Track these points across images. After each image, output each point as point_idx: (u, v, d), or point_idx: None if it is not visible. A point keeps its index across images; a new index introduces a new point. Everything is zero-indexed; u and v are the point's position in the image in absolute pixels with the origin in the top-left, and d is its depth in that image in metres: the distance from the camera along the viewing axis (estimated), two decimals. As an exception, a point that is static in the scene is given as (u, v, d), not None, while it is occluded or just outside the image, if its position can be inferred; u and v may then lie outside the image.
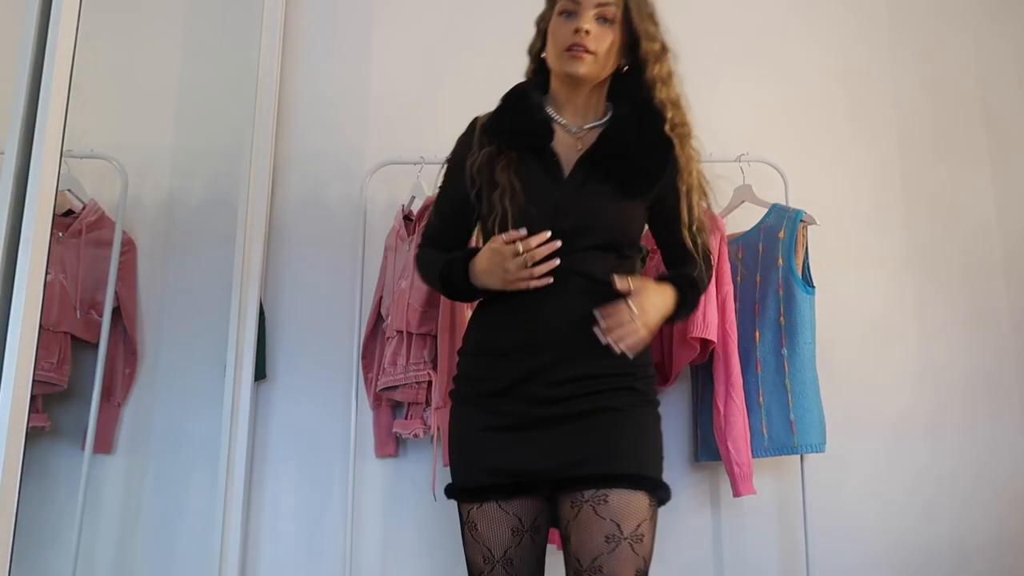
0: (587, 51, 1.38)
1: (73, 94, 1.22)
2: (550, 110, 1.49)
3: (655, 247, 2.04)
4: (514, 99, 1.49)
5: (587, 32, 1.37)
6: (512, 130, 1.45)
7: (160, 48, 2.28)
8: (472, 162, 1.46)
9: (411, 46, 2.36)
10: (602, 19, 1.40)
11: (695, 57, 2.31)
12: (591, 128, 1.47)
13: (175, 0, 2.34)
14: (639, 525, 1.28)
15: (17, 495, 1.09)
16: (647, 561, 1.30)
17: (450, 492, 1.44)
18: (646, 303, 1.33)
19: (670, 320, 1.46)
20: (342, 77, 2.34)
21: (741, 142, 2.13)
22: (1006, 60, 2.33)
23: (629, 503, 1.29)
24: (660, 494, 1.34)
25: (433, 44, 2.34)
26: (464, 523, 1.41)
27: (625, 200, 1.42)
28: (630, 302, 1.31)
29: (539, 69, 1.53)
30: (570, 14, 1.40)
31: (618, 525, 1.27)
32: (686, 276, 1.47)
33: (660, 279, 1.45)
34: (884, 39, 2.34)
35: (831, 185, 2.23)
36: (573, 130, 1.47)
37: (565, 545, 1.33)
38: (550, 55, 1.45)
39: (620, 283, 1.32)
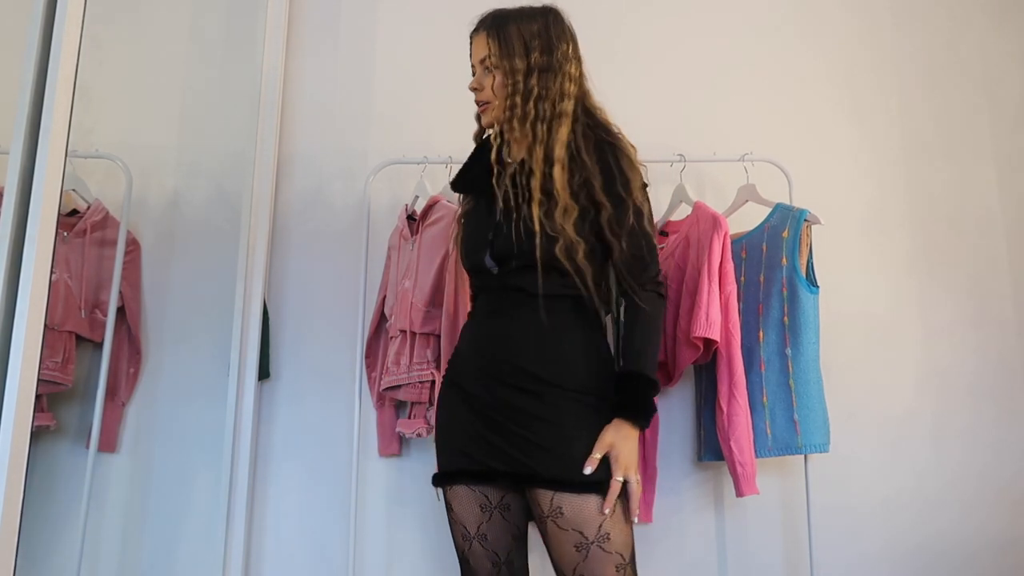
0: (484, 102, 1.55)
1: (78, 94, 1.23)
2: (504, 152, 1.59)
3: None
4: (474, 152, 1.67)
5: (474, 89, 1.55)
6: (464, 181, 1.66)
7: (165, 48, 2.28)
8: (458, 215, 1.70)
9: (415, 46, 2.36)
10: (487, 69, 1.53)
11: (699, 57, 2.33)
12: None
13: (180, 0, 2.34)
14: (600, 526, 1.33)
15: (22, 494, 1.09)
16: (624, 553, 1.34)
17: (433, 479, 1.55)
18: (625, 460, 1.37)
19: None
20: (346, 77, 2.35)
21: (745, 141, 2.13)
22: (1012, 58, 2.32)
23: (583, 509, 1.34)
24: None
25: (437, 44, 2.34)
26: (446, 506, 1.52)
27: (545, 218, 1.45)
28: (616, 476, 1.35)
29: None
30: (473, 77, 1.58)
31: (581, 532, 1.33)
32: (631, 381, 1.45)
33: (613, 408, 1.43)
34: (888, 38, 2.33)
35: (835, 184, 2.22)
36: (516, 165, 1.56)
37: (550, 556, 1.40)
38: None
39: (589, 466, 1.35)
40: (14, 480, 1.08)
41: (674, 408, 2.09)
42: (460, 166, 1.70)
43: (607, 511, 1.33)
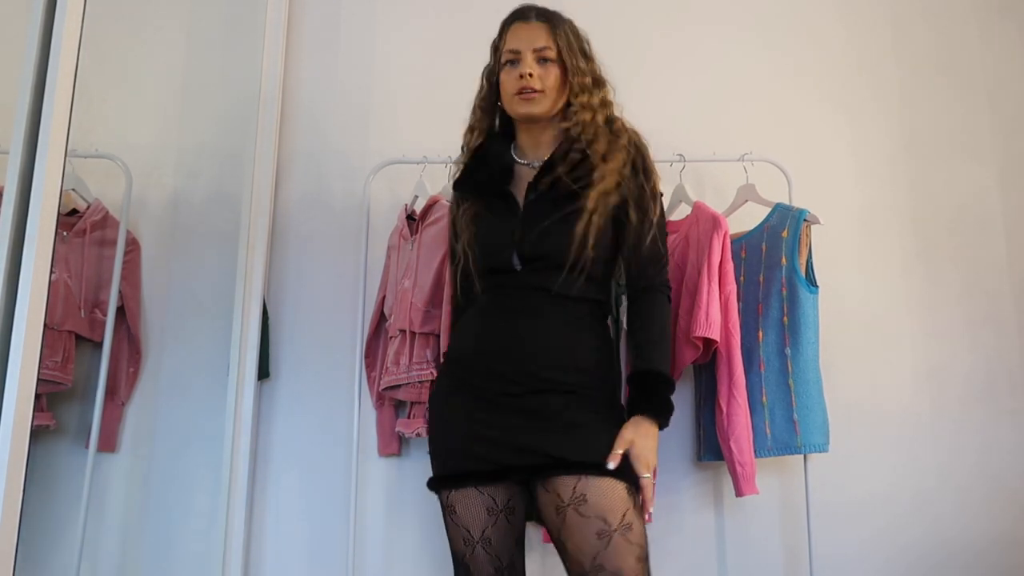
0: (535, 91, 1.51)
1: (78, 93, 1.23)
2: (515, 154, 1.61)
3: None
4: (477, 155, 1.62)
5: (530, 75, 1.51)
6: (474, 182, 1.61)
7: (165, 47, 2.28)
8: (454, 217, 1.65)
9: (414, 45, 2.36)
10: (542, 60, 1.53)
11: (698, 56, 2.33)
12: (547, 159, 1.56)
13: (180, 0, 2.34)
14: (624, 515, 1.32)
15: (22, 493, 1.09)
16: (644, 547, 1.33)
17: (432, 483, 1.51)
18: (647, 457, 1.40)
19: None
20: (345, 76, 2.35)
21: (744, 141, 2.13)
22: (1013, 57, 2.32)
23: (607, 495, 1.33)
24: (635, 484, 1.39)
25: (436, 43, 2.34)
26: (444, 509, 1.47)
27: (571, 216, 1.47)
28: (642, 474, 1.37)
29: (503, 120, 1.65)
30: (514, 63, 1.54)
31: (604, 519, 1.31)
32: (648, 378, 1.48)
33: (631, 406, 1.46)
34: (888, 37, 2.33)
35: (835, 184, 2.22)
36: (534, 165, 1.57)
37: (563, 551, 1.37)
38: (505, 103, 1.58)
39: (612, 461, 1.36)
40: (14, 480, 1.08)
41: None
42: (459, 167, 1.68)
43: (628, 505, 1.34)
